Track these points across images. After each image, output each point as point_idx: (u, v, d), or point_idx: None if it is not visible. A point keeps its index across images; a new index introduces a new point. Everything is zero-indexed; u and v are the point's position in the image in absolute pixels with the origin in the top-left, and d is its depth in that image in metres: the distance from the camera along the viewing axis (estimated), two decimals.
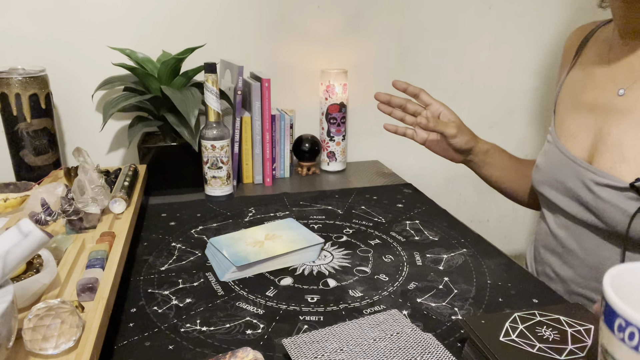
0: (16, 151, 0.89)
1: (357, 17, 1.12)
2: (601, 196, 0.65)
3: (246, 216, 0.85)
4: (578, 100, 0.73)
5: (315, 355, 0.47)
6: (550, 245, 0.76)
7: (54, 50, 0.97)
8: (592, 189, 0.66)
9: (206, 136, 0.88)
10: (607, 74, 0.69)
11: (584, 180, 0.67)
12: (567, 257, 0.73)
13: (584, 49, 0.77)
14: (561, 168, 0.71)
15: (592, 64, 0.73)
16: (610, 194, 0.64)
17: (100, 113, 1.03)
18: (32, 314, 0.43)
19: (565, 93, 0.77)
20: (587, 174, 0.67)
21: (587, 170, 0.67)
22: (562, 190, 0.71)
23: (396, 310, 0.55)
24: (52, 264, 0.53)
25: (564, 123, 0.74)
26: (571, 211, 0.70)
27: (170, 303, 0.60)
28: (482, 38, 1.23)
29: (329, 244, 0.76)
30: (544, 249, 0.78)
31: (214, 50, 1.04)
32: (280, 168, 1.06)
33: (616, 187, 0.63)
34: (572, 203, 0.70)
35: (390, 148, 1.24)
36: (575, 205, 0.70)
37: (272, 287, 0.64)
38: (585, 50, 0.77)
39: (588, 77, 0.73)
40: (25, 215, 0.68)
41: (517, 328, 0.48)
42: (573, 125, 0.72)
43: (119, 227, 0.69)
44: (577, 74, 0.76)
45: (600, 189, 0.65)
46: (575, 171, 0.69)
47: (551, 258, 0.76)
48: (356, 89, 1.18)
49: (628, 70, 0.67)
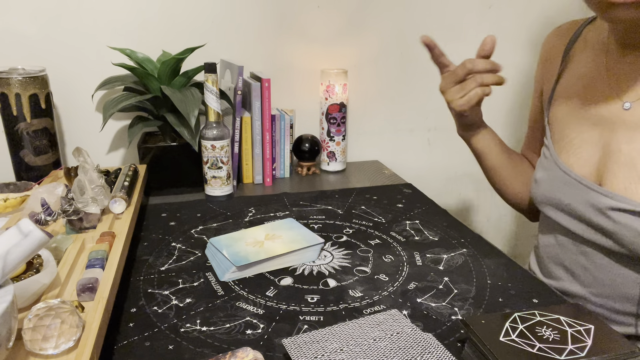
0: (16, 151, 0.89)
1: (357, 16, 1.12)
2: (618, 221, 0.60)
3: (246, 216, 0.85)
4: (579, 112, 0.68)
5: (315, 355, 0.47)
6: (557, 258, 0.73)
7: (54, 50, 0.97)
8: (606, 213, 0.61)
9: (206, 136, 0.88)
10: (609, 86, 0.65)
11: (596, 204, 0.63)
12: (578, 273, 0.69)
13: (571, 53, 0.73)
14: (565, 190, 0.67)
15: (588, 73, 0.69)
16: (628, 218, 0.59)
17: (100, 113, 1.03)
18: (32, 314, 0.43)
19: (559, 104, 0.73)
20: (599, 197, 0.62)
21: (597, 193, 0.63)
22: (570, 212, 0.67)
23: (396, 310, 0.55)
24: (52, 264, 0.53)
25: (565, 137, 0.70)
26: (582, 234, 0.66)
27: (170, 303, 0.60)
28: (482, 38, 1.23)
29: (329, 244, 0.76)
30: (549, 260, 0.74)
31: (214, 50, 1.04)
32: (280, 168, 1.06)
33: (634, 212, 0.59)
34: (582, 226, 0.66)
35: (390, 148, 1.24)
36: (586, 229, 0.65)
37: (272, 287, 0.64)
38: (574, 55, 0.73)
39: (587, 87, 0.68)
40: (25, 215, 0.68)
41: (517, 328, 0.48)
42: (576, 140, 0.68)
43: (119, 227, 0.69)
44: (572, 83, 0.71)
45: (616, 213, 0.60)
46: (583, 193, 0.64)
47: (562, 274, 0.72)
48: (356, 89, 1.18)
49: (633, 83, 0.63)
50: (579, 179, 0.65)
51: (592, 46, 0.70)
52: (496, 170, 0.82)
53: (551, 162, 0.71)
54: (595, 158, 0.65)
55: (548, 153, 0.72)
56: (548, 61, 0.78)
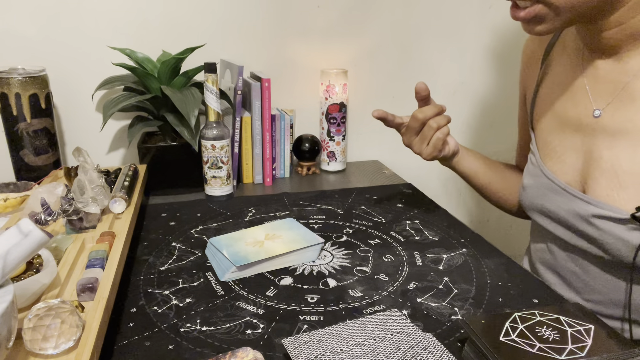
0: (16, 151, 0.89)
1: (357, 16, 1.12)
2: (602, 228, 0.61)
3: (246, 216, 0.85)
4: (560, 118, 0.69)
5: (315, 355, 0.47)
6: (548, 263, 0.73)
7: (54, 50, 0.97)
8: (590, 221, 0.62)
9: (206, 136, 0.88)
10: (586, 92, 0.65)
11: (579, 212, 0.63)
12: (569, 278, 0.70)
13: (549, 57, 0.73)
14: (551, 197, 0.68)
15: (566, 77, 0.69)
16: (611, 225, 0.60)
17: (100, 113, 1.03)
18: (32, 314, 0.43)
19: (541, 109, 0.73)
20: (582, 205, 0.63)
21: (581, 201, 0.63)
22: (557, 219, 0.68)
23: (396, 310, 0.55)
24: (52, 264, 0.53)
25: (548, 143, 0.70)
26: (569, 241, 0.67)
27: (170, 303, 0.60)
28: (482, 38, 1.23)
29: (329, 244, 0.76)
30: (541, 265, 0.75)
31: (214, 50, 1.04)
32: (280, 168, 1.06)
33: (616, 219, 0.59)
34: (569, 233, 0.67)
35: (390, 148, 1.24)
36: (573, 236, 0.66)
37: (272, 287, 0.64)
38: (552, 59, 0.72)
39: (566, 92, 0.68)
40: (25, 215, 0.68)
41: (517, 328, 0.48)
42: (559, 147, 0.68)
43: (119, 227, 0.69)
44: (552, 87, 0.71)
45: (599, 220, 0.61)
46: (568, 201, 0.65)
47: (552, 278, 0.73)
48: (356, 88, 1.18)
49: (609, 89, 0.62)
50: (563, 187, 0.66)
51: (570, 51, 0.69)
52: (487, 188, 0.85)
53: (537, 168, 0.71)
54: (579, 165, 0.65)
55: (534, 159, 0.73)
56: (529, 67, 0.79)
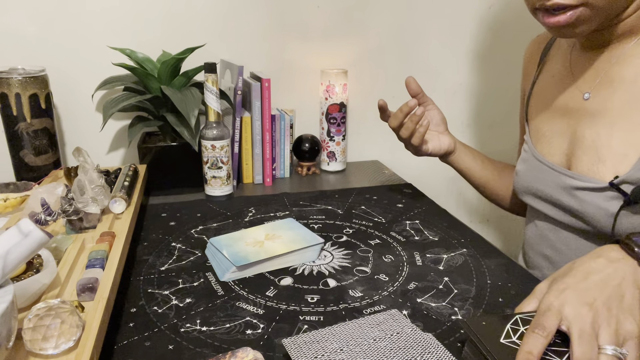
0: (16, 151, 0.89)
1: (357, 17, 1.12)
2: (583, 199, 0.66)
3: (246, 216, 0.85)
4: (550, 106, 0.75)
5: (315, 355, 0.47)
6: (539, 249, 0.77)
7: (54, 50, 0.97)
8: (572, 193, 0.67)
9: (206, 136, 0.88)
10: (573, 80, 0.72)
11: (563, 185, 0.69)
12: (557, 260, 0.73)
13: (546, 57, 0.79)
14: (540, 176, 0.73)
15: (558, 72, 0.75)
16: (591, 196, 0.65)
17: (100, 113, 1.03)
18: (32, 314, 0.43)
19: (535, 102, 0.79)
20: (565, 179, 0.68)
21: (565, 176, 0.69)
22: (545, 198, 0.73)
23: (396, 310, 0.55)
24: (52, 264, 0.53)
25: (539, 130, 0.76)
26: (556, 217, 0.72)
27: (170, 303, 0.60)
28: (482, 38, 1.23)
29: (329, 244, 0.76)
30: (533, 252, 0.79)
31: (214, 50, 1.04)
32: (280, 168, 1.06)
33: (596, 189, 0.64)
34: (555, 210, 0.72)
35: (390, 148, 1.24)
36: (559, 212, 0.71)
37: (272, 287, 0.64)
38: (548, 60, 0.79)
39: (556, 85, 0.75)
40: (25, 215, 0.68)
41: (519, 330, 0.48)
42: (548, 132, 0.74)
43: (119, 227, 0.69)
44: (545, 82, 0.78)
45: (581, 192, 0.66)
46: (554, 178, 0.70)
47: (542, 262, 0.77)
48: (356, 88, 1.18)
49: (591, 76, 0.69)
50: (550, 165, 0.72)
51: (564, 50, 0.76)
52: (485, 186, 0.90)
53: (529, 154, 0.76)
54: (565, 146, 0.71)
55: (527, 147, 0.78)
56: (528, 69, 0.85)
